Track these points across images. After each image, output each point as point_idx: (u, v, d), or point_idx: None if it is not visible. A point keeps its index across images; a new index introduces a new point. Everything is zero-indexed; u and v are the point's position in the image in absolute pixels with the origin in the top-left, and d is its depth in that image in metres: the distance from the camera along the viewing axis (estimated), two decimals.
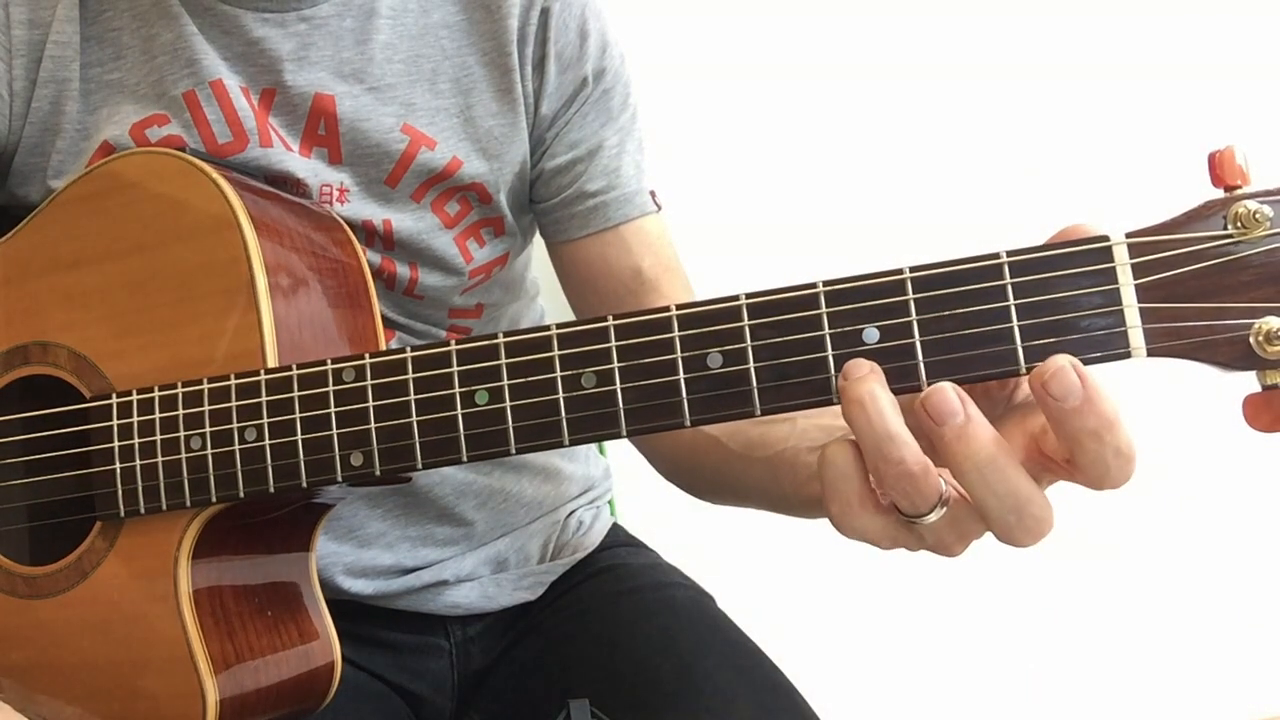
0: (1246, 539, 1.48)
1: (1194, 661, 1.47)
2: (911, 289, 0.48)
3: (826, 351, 0.49)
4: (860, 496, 0.47)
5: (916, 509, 0.46)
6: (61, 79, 0.73)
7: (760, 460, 0.66)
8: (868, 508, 0.48)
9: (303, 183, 0.73)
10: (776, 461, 0.64)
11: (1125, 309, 0.46)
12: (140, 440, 0.61)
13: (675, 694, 0.73)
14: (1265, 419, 0.46)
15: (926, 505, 0.46)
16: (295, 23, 0.73)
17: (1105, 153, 1.42)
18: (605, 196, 0.79)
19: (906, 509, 0.47)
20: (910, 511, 0.47)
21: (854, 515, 0.48)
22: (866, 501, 0.48)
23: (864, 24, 1.42)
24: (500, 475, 0.87)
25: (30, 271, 0.68)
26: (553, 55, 0.77)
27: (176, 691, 0.61)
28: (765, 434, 0.66)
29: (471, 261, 0.79)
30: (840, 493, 0.47)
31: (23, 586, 0.65)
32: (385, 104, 0.75)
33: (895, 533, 0.48)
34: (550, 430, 0.52)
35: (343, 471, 0.56)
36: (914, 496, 0.46)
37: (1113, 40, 1.45)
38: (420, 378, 0.55)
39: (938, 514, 0.47)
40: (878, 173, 1.41)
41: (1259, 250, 0.45)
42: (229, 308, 0.62)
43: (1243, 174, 0.46)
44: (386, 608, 0.84)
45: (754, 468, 0.67)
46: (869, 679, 1.42)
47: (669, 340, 0.51)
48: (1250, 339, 0.45)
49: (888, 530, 0.48)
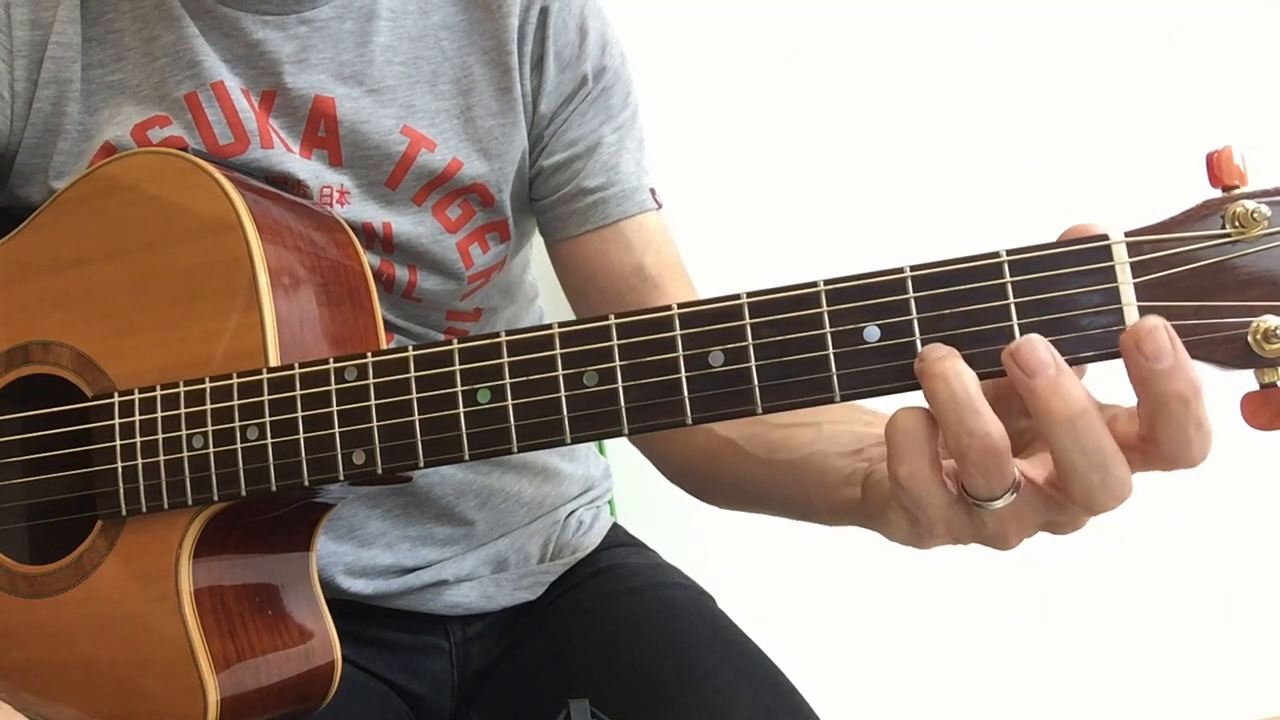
0: (1246, 538, 1.48)
1: (1194, 661, 1.47)
2: (912, 287, 0.48)
3: (828, 350, 0.49)
4: (932, 460, 0.46)
5: (991, 491, 0.45)
6: (63, 80, 0.73)
7: (782, 464, 0.65)
8: (938, 474, 0.46)
9: (303, 184, 0.73)
10: (801, 467, 0.63)
11: (1124, 307, 0.46)
12: (142, 439, 0.61)
13: (675, 694, 0.73)
14: (1263, 417, 0.47)
15: (1001, 487, 0.45)
16: (295, 25, 0.73)
17: (1104, 152, 1.42)
18: (604, 193, 0.79)
19: (980, 491, 0.45)
20: (983, 494, 0.46)
21: (924, 480, 0.46)
22: (937, 466, 0.46)
23: (865, 23, 1.42)
24: (500, 475, 0.87)
25: (32, 271, 0.68)
26: (552, 54, 0.78)
27: (177, 690, 0.61)
28: (787, 438, 0.65)
29: (472, 266, 0.79)
30: (910, 455, 0.46)
31: (23, 585, 0.65)
32: (385, 106, 0.75)
33: (954, 515, 0.47)
34: (552, 429, 0.52)
35: (345, 470, 0.56)
36: (992, 476, 0.45)
37: (1112, 39, 1.45)
38: (422, 376, 0.55)
39: (1007, 499, 0.46)
40: (879, 172, 1.41)
41: (1257, 249, 0.45)
42: (231, 307, 0.62)
43: (1240, 174, 0.46)
44: (386, 607, 0.84)
45: (775, 472, 0.66)
46: (869, 679, 1.42)
47: (670, 339, 0.51)
48: (1248, 337, 0.45)
49: (948, 509, 0.47)
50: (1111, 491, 0.44)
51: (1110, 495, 0.44)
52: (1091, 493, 0.44)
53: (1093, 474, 0.44)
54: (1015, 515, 0.47)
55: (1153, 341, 0.43)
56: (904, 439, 0.47)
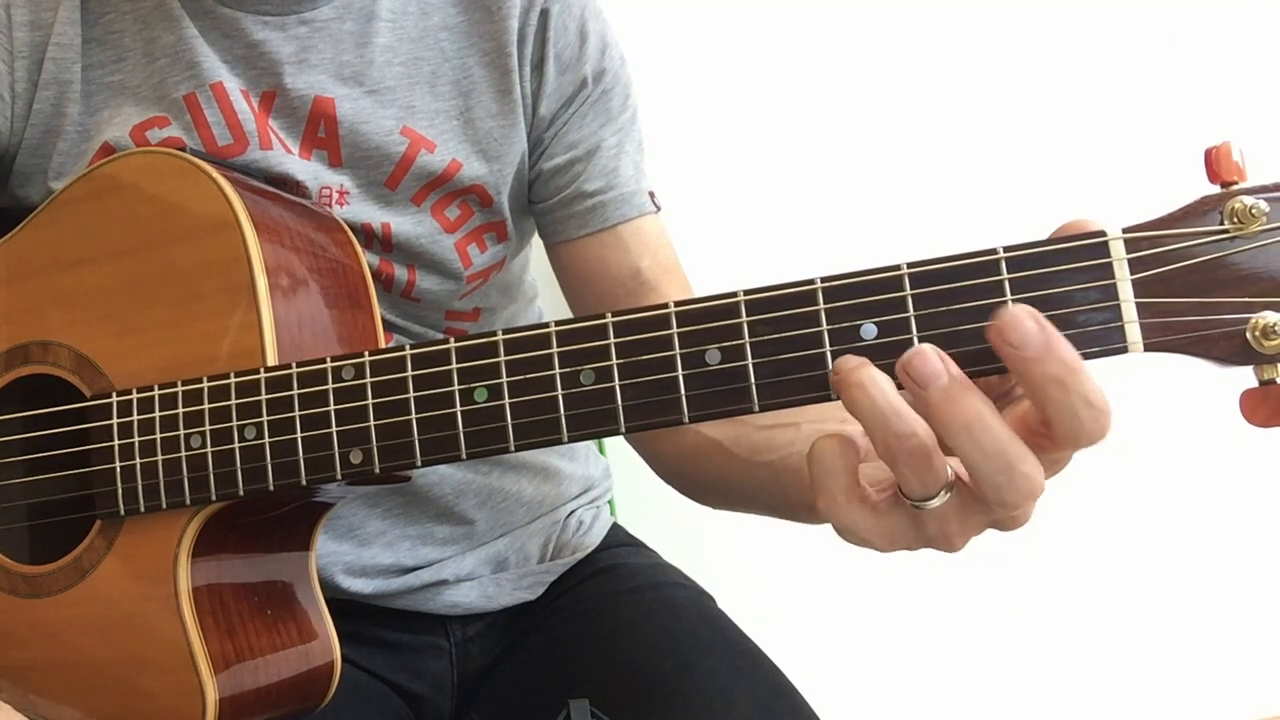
0: (1246, 537, 1.47)
1: (1194, 661, 1.46)
2: (909, 285, 0.48)
3: (825, 348, 0.49)
4: (847, 490, 0.47)
5: (926, 490, 0.45)
6: (63, 81, 0.73)
7: (764, 465, 0.66)
8: (854, 501, 0.47)
9: (302, 185, 0.73)
10: (780, 467, 0.64)
11: (1122, 304, 0.46)
12: (140, 439, 0.61)
13: (675, 694, 0.73)
14: (1262, 414, 0.46)
15: (936, 485, 0.45)
16: (295, 26, 0.73)
17: (1102, 149, 1.42)
18: (603, 196, 0.79)
19: (916, 491, 0.46)
20: (919, 494, 0.46)
21: (840, 509, 0.47)
22: (853, 495, 0.47)
23: (864, 24, 1.42)
24: (500, 474, 0.87)
25: (31, 271, 0.68)
26: (552, 56, 0.78)
27: (176, 690, 0.61)
28: (770, 439, 0.66)
29: (470, 266, 0.79)
30: (826, 487, 0.47)
31: (22, 585, 0.65)
32: (385, 107, 0.75)
33: (891, 528, 0.47)
34: (549, 427, 0.52)
35: (342, 469, 0.56)
36: (924, 475, 0.45)
37: (1110, 36, 1.45)
38: (419, 375, 0.55)
39: (943, 498, 0.46)
40: (875, 170, 1.41)
41: (1255, 245, 0.45)
42: (229, 307, 0.62)
43: (1239, 169, 0.46)
44: (386, 607, 0.84)
45: (758, 473, 0.66)
46: (869, 679, 1.42)
47: (667, 337, 0.51)
48: (1247, 334, 0.45)
49: (880, 526, 0.47)
50: (1020, 490, 0.44)
51: (1019, 494, 0.44)
52: (1001, 492, 0.44)
53: (999, 476, 0.44)
54: (954, 514, 0.46)
55: (1016, 330, 0.43)
56: (817, 470, 0.47)
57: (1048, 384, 0.43)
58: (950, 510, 0.46)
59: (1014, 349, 0.43)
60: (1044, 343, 0.43)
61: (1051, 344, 0.43)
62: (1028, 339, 0.43)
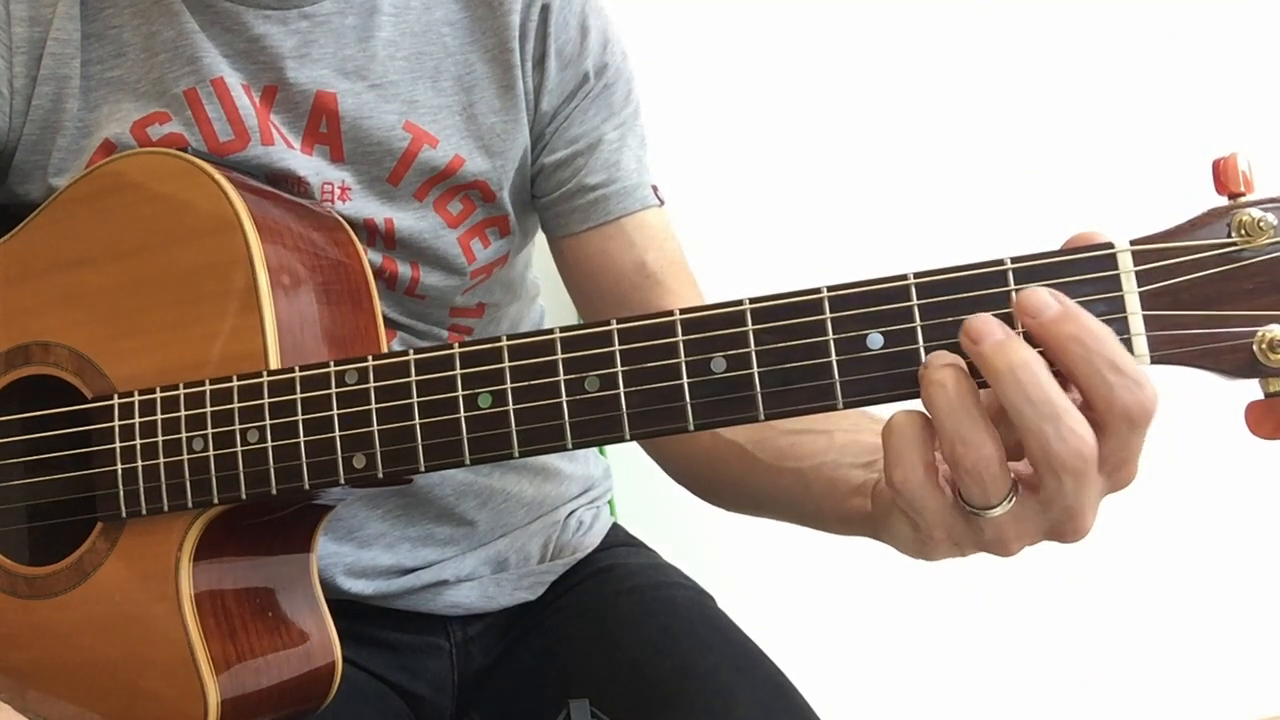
0: (1248, 543, 1.48)
1: (1194, 661, 1.47)
2: (915, 295, 0.48)
3: (830, 356, 0.49)
4: (927, 464, 0.46)
5: (986, 499, 0.45)
6: (62, 76, 0.72)
7: (790, 471, 0.65)
8: (931, 475, 0.46)
9: (304, 181, 0.73)
10: (812, 475, 0.63)
11: (1129, 316, 0.46)
12: (142, 441, 0.61)
13: (675, 694, 0.73)
14: (1268, 426, 0.46)
15: (997, 496, 0.45)
16: (297, 20, 0.73)
17: (1109, 160, 1.41)
18: (606, 189, 0.79)
19: (976, 499, 0.45)
20: (979, 502, 0.46)
21: (917, 484, 0.46)
22: (931, 469, 0.46)
23: (869, 24, 1.42)
24: (500, 475, 0.87)
25: (32, 271, 0.68)
26: (553, 52, 0.77)
27: (178, 692, 0.61)
28: (796, 445, 0.65)
29: (474, 262, 0.79)
30: (907, 458, 0.46)
31: (24, 587, 0.65)
32: (387, 101, 0.75)
33: (952, 520, 0.47)
34: (554, 434, 0.52)
35: (346, 474, 0.56)
36: (987, 485, 0.45)
37: (1118, 46, 1.45)
38: (423, 380, 0.55)
39: (1005, 506, 0.46)
40: (883, 178, 1.40)
41: (1262, 258, 0.45)
42: (231, 309, 0.62)
43: (1246, 181, 0.46)
44: (387, 608, 0.84)
45: (783, 478, 0.65)
46: (869, 679, 1.42)
47: (673, 344, 0.51)
48: (1253, 347, 0.45)
49: (945, 514, 0.47)
50: (1065, 442, 0.44)
51: (1064, 445, 0.44)
52: (1048, 444, 0.44)
53: (1045, 424, 0.44)
54: (1013, 521, 0.46)
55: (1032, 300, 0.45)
56: (899, 442, 0.47)
57: (1069, 344, 0.44)
58: (1009, 518, 0.46)
59: (1033, 318, 0.45)
60: (1060, 307, 0.44)
61: (1068, 307, 0.44)
62: (1044, 305, 0.44)
